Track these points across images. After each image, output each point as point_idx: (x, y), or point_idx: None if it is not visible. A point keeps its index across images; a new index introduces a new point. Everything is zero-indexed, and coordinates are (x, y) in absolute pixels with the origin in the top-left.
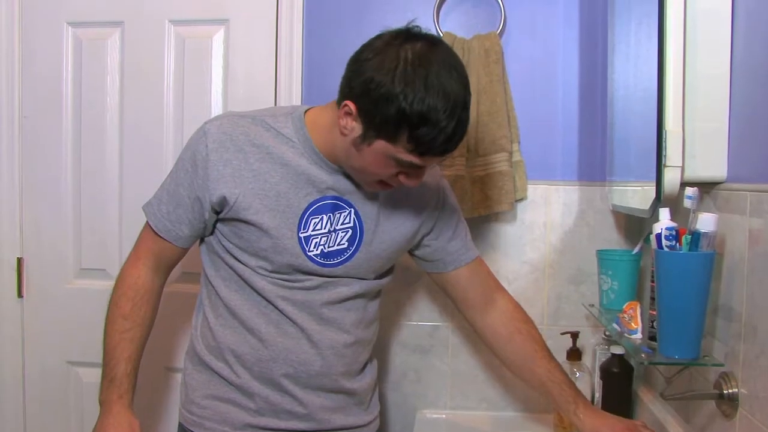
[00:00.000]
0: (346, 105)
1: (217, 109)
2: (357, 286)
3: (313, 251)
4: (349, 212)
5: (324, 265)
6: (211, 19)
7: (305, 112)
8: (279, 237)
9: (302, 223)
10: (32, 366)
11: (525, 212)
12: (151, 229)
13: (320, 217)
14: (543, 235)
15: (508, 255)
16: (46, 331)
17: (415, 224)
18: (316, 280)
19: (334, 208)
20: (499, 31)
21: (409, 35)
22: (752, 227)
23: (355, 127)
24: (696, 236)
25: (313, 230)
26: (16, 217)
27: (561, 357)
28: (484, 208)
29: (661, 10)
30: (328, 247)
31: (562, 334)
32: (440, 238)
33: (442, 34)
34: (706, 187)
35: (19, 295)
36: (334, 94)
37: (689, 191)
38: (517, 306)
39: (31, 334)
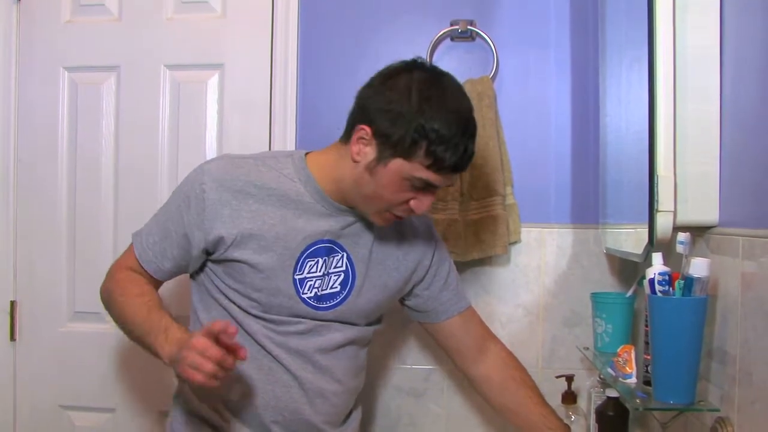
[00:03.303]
0: (360, 129)
1: (211, 152)
2: (349, 332)
3: (306, 294)
4: (342, 256)
5: (317, 308)
6: (206, 64)
7: (305, 155)
8: (274, 278)
9: (298, 264)
10: (24, 410)
11: (519, 255)
12: (135, 256)
13: (316, 260)
14: (537, 278)
15: (502, 298)
16: (39, 374)
17: (407, 272)
18: (308, 323)
19: (329, 252)
20: (491, 75)
21: (415, 64)
22: (745, 271)
23: (369, 151)
24: (689, 281)
25: (308, 273)
26: (9, 260)
27: (556, 400)
28: (478, 251)
29: (651, 55)
30: (322, 290)
31: (557, 377)
32: (431, 287)
33: None
34: (699, 230)
35: (12, 338)
36: (329, 137)
37: (681, 237)
38: (510, 353)
39: (24, 378)
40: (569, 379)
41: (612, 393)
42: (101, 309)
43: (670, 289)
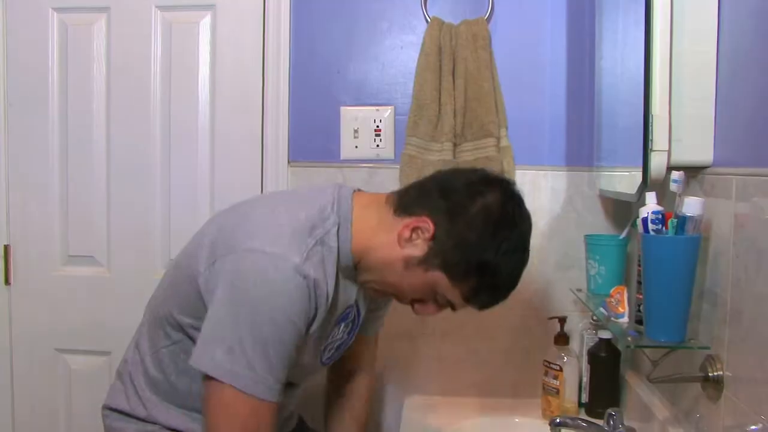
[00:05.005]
0: (423, 221)
1: (204, 94)
2: None
3: (325, 355)
4: (354, 307)
5: (324, 363)
6: (198, 5)
7: (351, 206)
8: (308, 355)
9: (329, 335)
10: (20, 353)
11: None
12: (264, 402)
13: (341, 324)
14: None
15: None
16: (34, 318)
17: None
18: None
19: (351, 313)
20: (486, 16)
21: (501, 186)
22: (738, 212)
23: (418, 245)
24: (682, 220)
25: (331, 339)
26: (2, 204)
27: (549, 342)
28: None
29: None
30: (334, 346)
31: (550, 319)
32: (383, 309)
33: (429, 20)
34: (693, 171)
35: (6, 282)
36: (322, 79)
37: (675, 175)
38: (371, 387)
39: (19, 322)
40: (562, 320)
41: (604, 334)
42: (95, 252)
43: (663, 228)
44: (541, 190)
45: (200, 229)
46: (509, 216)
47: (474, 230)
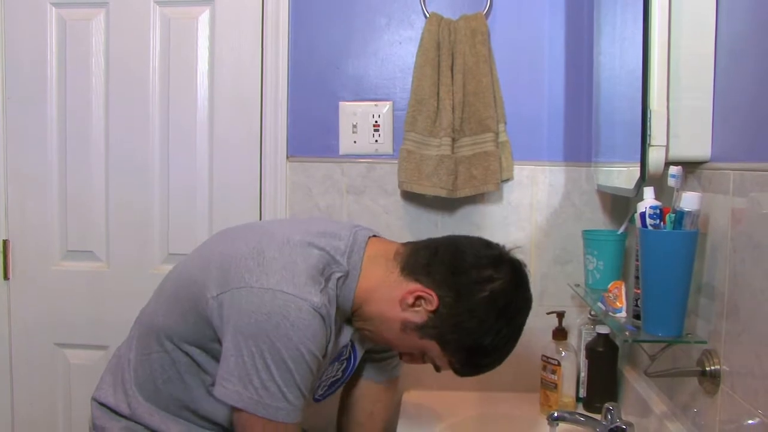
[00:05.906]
0: (427, 294)
1: (203, 90)
2: None
3: (318, 392)
4: (348, 345)
5: (317, 400)
6: (196, 0)
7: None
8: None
9: (323, 374)
10: (19, 348)
11: (511, 193)
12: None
13: (334, 363)
14: (529, 216)
15: (494, 236)
16: (33, 313)
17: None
18: None
19: (345, 351)
20: (485, 11)
21: (511, 268)
22: (735, 206)
23: (418, 312)
24: (680, 215)
25: (325, 377)
26: (1, 199)
27: (547, 337)
28: (470, 188)
29: None
30: (327, 383)
31: (548, 313)
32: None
33: (428, 15)
34: (690, 166)
35: (5, 277)
36: (320, 74)
37: (673, 170)
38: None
39: (18, 317)
40: (560, 315)
41: (602, 329)
42: (94, 247)
43: (661, 223)
44: (540, 186)
45: (207, 245)
46: (513, 306)
47: (476, 317)
